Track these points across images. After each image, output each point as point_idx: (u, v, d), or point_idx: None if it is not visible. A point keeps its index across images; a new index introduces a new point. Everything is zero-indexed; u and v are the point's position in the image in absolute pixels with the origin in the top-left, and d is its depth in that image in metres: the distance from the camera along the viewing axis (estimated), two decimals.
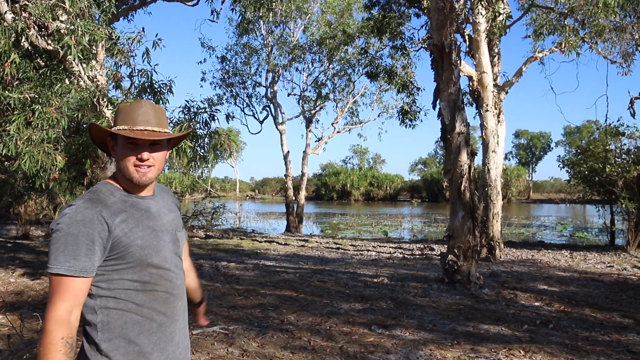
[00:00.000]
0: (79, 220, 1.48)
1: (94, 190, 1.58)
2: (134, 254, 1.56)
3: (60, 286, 1.45)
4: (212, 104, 7.60)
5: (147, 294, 1.59)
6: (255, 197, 67.97)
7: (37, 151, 5.98)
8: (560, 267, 9.56)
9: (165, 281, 1.64)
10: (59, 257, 1.45)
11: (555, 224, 25.17)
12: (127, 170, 1.61)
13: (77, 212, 1.49)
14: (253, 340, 4.65)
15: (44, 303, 5.98)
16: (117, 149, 1.64)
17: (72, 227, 1.47)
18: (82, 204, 1.52)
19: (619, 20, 10.66)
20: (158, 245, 1.63)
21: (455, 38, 7.74)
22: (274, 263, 9.75)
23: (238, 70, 21.12)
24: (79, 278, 1.47)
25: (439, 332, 5.05)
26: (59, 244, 1.46)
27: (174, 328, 1.67)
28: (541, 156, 73.25)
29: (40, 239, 12.77)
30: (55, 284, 1.46)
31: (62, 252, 1.45)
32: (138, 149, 1.61)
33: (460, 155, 7.31)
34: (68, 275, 1.45)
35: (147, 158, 1.62)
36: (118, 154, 1.63)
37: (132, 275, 1.56)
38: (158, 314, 1.61)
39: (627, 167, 11.69)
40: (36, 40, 6.16)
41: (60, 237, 1.46)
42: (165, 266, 1.65)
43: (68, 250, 1.46)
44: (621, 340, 4.85)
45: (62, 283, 1.45)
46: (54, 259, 1.46)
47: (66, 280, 1.45)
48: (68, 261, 1.45)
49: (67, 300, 1.45)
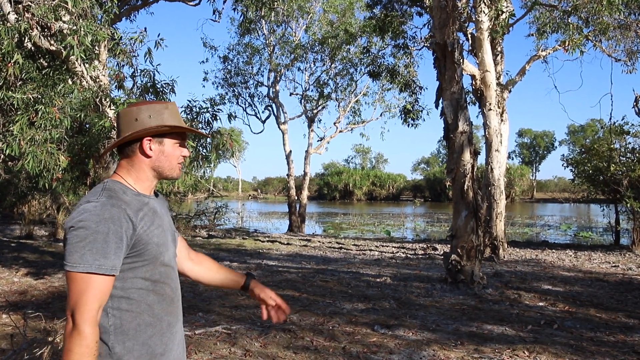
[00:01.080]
0: (107, 218, 1.46)
1: (110, 189, 1.56)
2: (151, 252, 1.56)
3: (89, 285, 1.42)
4: (215, 103, 7.59)
5: (157, 294, 1.59)
6: (257, 197, 68.04)
7: (40, 151, 5.98)
8: (565, 267, 9.52)
9: (171, 280, 1.66)
10: (86, 255, 1.42)
11: (559, 224, 25.09)
12: (172, 167, 1.67)
13: (103, 210, 1.47)
14: (256, 340, 4.64)
15: (47, 302, 6.01)
16: (159, 148, 1.64)
17: (101, 224, 1.44)
18: (106, 201, 1.49)
19: (623, 18, 10.61)
20: (167, 244, 1.65)
21: (458, 37, 7.72)
22: (276, 263, 9.74)
23: (240, 70, 21.14)
24: (108, 277, 1.46)
25: (442, 332, 5.03)
26: (85, 241, 1.43)
27: (177, 328, 1.68)
28: (545, 155, 73.05)
29: (44, 238, 12.80)
30: (82, 283, 1.42)
31: (89, 250, 1.42)
32: (181, 146, 1.69)
33: (463, 154, 7.28)
34: (99, 273, 1.43)
35: (189, 154, 1.71)
36: (162, 152, 1.64)
37: (145, 274, 1.56)
38: (167, 314, 1.62)
39: (632, 166, 11.65)
40: (39, 40, 6.16)
41: (87, 235, 1.43)
42: (172, 264, 1.67)
43: (97, 248, 1.43)
44: (627, 340, 4.82)
45: (92, 282, 1.43)
46: (80, 257, 1.42)
47: (96, 279, 1.43)
48: (97, 259, 1.43)
49: (97, 299, 1.44)
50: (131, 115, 1.62)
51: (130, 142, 1.63)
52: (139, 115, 1.62)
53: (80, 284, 1.42)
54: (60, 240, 12.48)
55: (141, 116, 1.61)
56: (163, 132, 1.63)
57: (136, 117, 1.61)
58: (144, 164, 1.64)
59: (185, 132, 1.69)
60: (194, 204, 22.77)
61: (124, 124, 1.63)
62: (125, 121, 1.63)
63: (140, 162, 1.63)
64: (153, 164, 1.64)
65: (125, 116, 1.63)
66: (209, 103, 7.54)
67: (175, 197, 18.35)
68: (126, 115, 1.63)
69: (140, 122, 1.61)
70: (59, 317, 5.17)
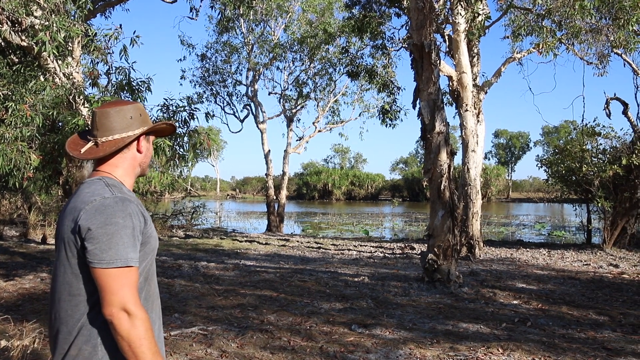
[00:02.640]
0: (129, 214, 1.52)
1: (114, 185, 1.60)
2: (152, 245, 1.63)
3: (128, 277, 1.48)
4: (192, 102, 7.50)
5: (145, 290, 1.63)
6: (236, 197, 67.58)
7: (10, 149, 5.83)
8: (538, 265, 9.71)
9: (154, 278, 1.71)
10: (120, 250, 1.47)
11: (534, 223, 25.57)
12: (146, 165, 1.76)
13: (125, 205, 1.52)
14: (232, 340, 4.60)
15: (17, 305, 5.86)
16: (147, 145, 1.74)
17: (127, 219, 1.50)
18: (122, 196, 1.55)
19: (594, 22, 10.85)
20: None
21: (435, 38, 7.79)
22: (254, 263, 9.69)
23: (218, 69, 20.98)
24: (136, 268, 1.52)
25: (419, 331, 5.07)
26: (117, 237, 1.47)
27: (158, 325, 1.71)
28: (520, 156, 74.32)
29: (14, 239, 12.47)
30: (123, 277, 1.47)
31: (122, 245, 1.48)
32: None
33: (440, 154, 7.36)
34: (133, 266, 1.50)
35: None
36: (148, 149, 1.74)
37: (142, 267, 1.60)
38: (152, 311, 1.65)
39: (603, 166, 11.92)
40: (9, 36, 6.00)
41: (117, 230, 1.47)
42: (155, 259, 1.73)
43: (127, 243, 1.49)
44: (597, 337, 4.93)
45: (130, 274, 1.48)
46: (116, 252, 1.46)
47: (130, 271, 1.49)
48: (129, 253, 1.49)
49: (136, 289, 1.50)
50: (125, 114, 1.67)
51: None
52: (132, 113, 1.69)
53: (122, 278, 1.47)
54: (31, 240, 12.19)
55: (134, 114, 1.69)
56: (160, 129, 1.77)
57: (131, 115, 1.67)
58: (135, 160, 1.71)
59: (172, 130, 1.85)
60: (170, 203, 22.49)
61: (118, 122, 1.65)
62: (120, 119, 1.66)
63: (133, 158, 1.70)
64: (141, 160, 1.73)
65: (118, 114, 1.66)
66: (186, 102, 7.46)
67: (152, 196, 18.10)
68: (119, 114, 1.66)
69: (135, 120, 1.68)
70: (29, 319, 5.04)
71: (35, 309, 5.65)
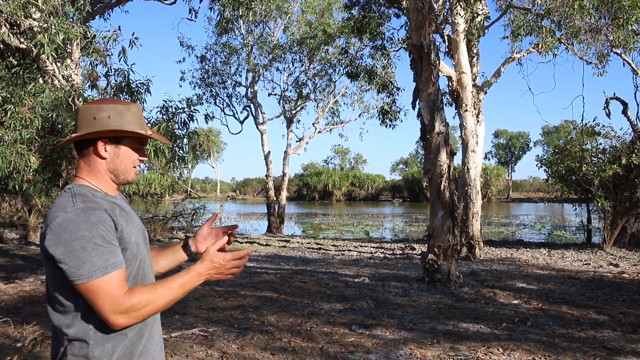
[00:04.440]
0: (95, 222, 1.45)
1: (80, 194, 1.52)
2: (131, 251, 1.55)
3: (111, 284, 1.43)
4: (191, 103, 7.49)
5: None
6: (236, 198, 67.59)
7: (9, 152, 5.83)
8: (539, 265, 9.70)
9: (148, 280, 1.65)
10: (96, 261, 1.42)
11: (534, 223, 25.56)
12: (127, 170, 1.63)
13: (88, 215, 1.45)
14: (233, 342, 4.60)
15: (17, 307, 5.85)
16: (114, 150, 1.60)
17: (94, 229, 1.43)
18: (85, 206, 1.47)
19: (594, 22, 10.85)
20: (141, 243, 1.64)
21: (434, 38, 7.80)
22: (254, 264, 9.69)
23: (218, 70, 20.99)
24: (123, 269, 1.48)
25: (419, 331, 5.07)
26: (88, 251, 1.41)
27: (155, 327, 1.67)
28: (520, 156, 74.33)
29: (15, 241, 12.47)
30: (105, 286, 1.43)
31: (96, 256, 1.42)
32: (140, 150, 1.66)
33: (440, 155, 7.35)
34: (115, 271, 1.45)
35: (146, 159, 1.70)
36: (117, 155, 1.60)
37: (128, 275, 1.54)
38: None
39: (603, 166, 11.91)
40: (8, 38, 6.01)
41: (86, 244, 1.42)
42: (147, 263, 1.66)
43: (102, 251, 1.43)
44: (597, 336, 4.93)
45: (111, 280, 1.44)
46: (92, 265, 1.41)
47: (114, 275, 1.44)
48: (108, 259, 1.44)
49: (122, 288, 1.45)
50: (90, 113, 1.57)
51: (88, 141, 1.58)
52: (98, 114, 1.56)
53: (105, 289, 1.43)
54: (31, 243, 12.19)
55: (100, 115, 1.56)
56: (119, 136, 1.60)
57: (94, 116, 1.56)
58: (100, 165, 1.60)
59: (144, 137, 1.65)
60: (171, 205, 22.48)
61: (81, 120, 1.57)
62: (82, 118, 1.57)
63: (96, 162, 1.60)
64: (108, 166, 1.61)
65: (84, 112, 1.57)
66: (186, 103, 7.44)
67: (152, 198, 18.11)
68: (85, 112, 1.57)
69: (98, 121, 1.55)
70: (29, 322, 5.05)
71: (36, 312, 5.65)
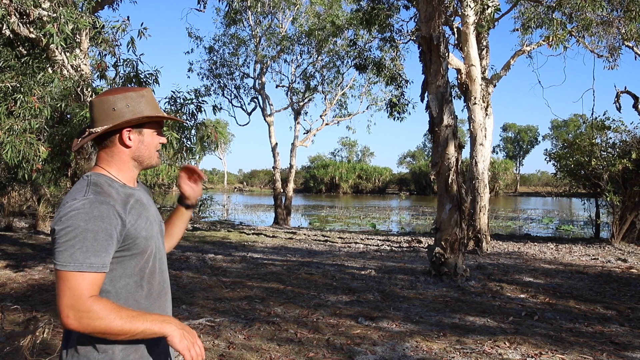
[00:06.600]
0: (97, 216, 1.43)
1: (95, 183, 1.51)
2: (139, 245, 1.54)
3: (81, 283, 1.40)
4: (199, 95, 7.50)
5: (145, 289, 1.58)
6: (243, 189, 67.77)
7: (19, 141, 5.87)
8: (546, 259, 9.66)
9: (159, 273, 1.64)
10: (76, 254, 1.39)
11: (542, 217, 25.43)
12: (151, 155, 1.65)
13: (92, 208, 1.43)
14: (239, 332, 4.63)
15: (26, 295, 5.92)
16: (138, 137, 1.61)
17: (91, 222, 1.41)
18: (94, 198, 1.45)
19: (605, 14, 10.72)
20: (155, 236, 1.62)
21: (444, 30, 7.72)
22: (261, 255, 9.72)
23: (226, 61, 20.95)
24: (100, 274, 1.44)
25: (426, 324, 5.07)
26: (74, 240, 1.40)
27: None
28: (528, 149, 73.89)
29: (24, 230, 12.59)
30: (74, 282, 1.40)
31: (79, 248, 1.40)
32: (159, 134, 1.66)
33: (448, 148, 7.32)
34: (91, 272, 1.41)
35: (166, 141, 1.70)
36: (141, 141, 1.61)
37: (133, 268, 1.54)
38: (155, 308, 1.61)
39: (613, 160, 11.81)
40: (18, 28, 6.03)
41: (77, 234, 1.40)
42: (159, 256, 1.65)
43: (87, 246, 1.41)
44: (604, 331, 4.91)
45: (84, 280, 1.41)
46: (70, 256, 1.39)
47: (87, 277, 1.41)
48: (88, 257, 1.40)
49: (90, 293, 1.42)
50: (107, 105, 1.56)
51: (109, 132, 1.58)
52: (117, 104, 1.56)
53: (72, 282, 1.40)
54: (40, 232, 12.30)
55: (118, 105, 1.56)
56: (142, 122, 1.60)
57: (113, 107, 1.56)
58: (124, 154, 1.60)
59: (162, 120, 1.66)
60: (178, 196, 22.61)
61: (99, 113, 1.57)
62: (100, 110, 1.57)
63: (121, 152, 1.59)
64: (133, 154, 1.61)
65: (101, 105, 1.57)
66: (194, 94, 7.45)
67: (159, 189, 18.17)
68: (102, 104, 1.57)
69: (119, 111, 1.55)
70: (38, 310, 5.10)
71: (45, 300, 5.71)
